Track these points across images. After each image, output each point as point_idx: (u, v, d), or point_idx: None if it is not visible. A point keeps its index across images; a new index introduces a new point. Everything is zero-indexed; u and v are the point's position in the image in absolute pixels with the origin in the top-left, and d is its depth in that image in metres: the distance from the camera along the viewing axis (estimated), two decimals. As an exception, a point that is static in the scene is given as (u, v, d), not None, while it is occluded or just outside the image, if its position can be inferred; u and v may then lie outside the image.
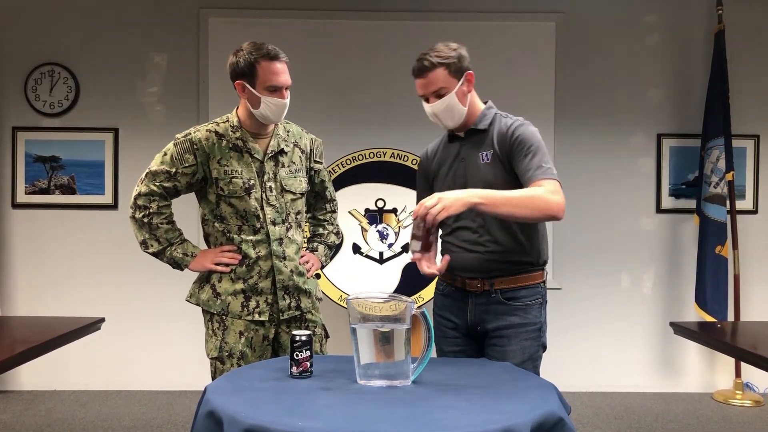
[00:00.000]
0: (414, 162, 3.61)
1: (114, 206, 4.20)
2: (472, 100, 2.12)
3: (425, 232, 1.78)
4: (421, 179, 2.29)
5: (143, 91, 4.22)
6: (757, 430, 3.60)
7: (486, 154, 2.06)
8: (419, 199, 2.30)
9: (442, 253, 2.21)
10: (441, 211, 1.79)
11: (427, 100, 2.08)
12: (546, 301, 2.13)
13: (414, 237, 1.84)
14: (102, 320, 2.55)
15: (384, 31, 4.21)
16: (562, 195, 1.95)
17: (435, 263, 2.06)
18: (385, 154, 3.68)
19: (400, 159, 3.65)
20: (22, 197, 4.20)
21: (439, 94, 2.05)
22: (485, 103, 2.17)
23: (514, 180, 2.02)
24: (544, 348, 2.13)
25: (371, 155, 3.68)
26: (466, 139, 2.13)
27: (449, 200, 1.81)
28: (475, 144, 2.10)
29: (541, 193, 1.91)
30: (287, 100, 2.17)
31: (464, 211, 2.00)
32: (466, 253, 2.10)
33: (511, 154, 2.02)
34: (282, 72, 2.14)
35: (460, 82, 2.06)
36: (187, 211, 2.63)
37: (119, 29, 4.20)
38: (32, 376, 4.13)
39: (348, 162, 3.66)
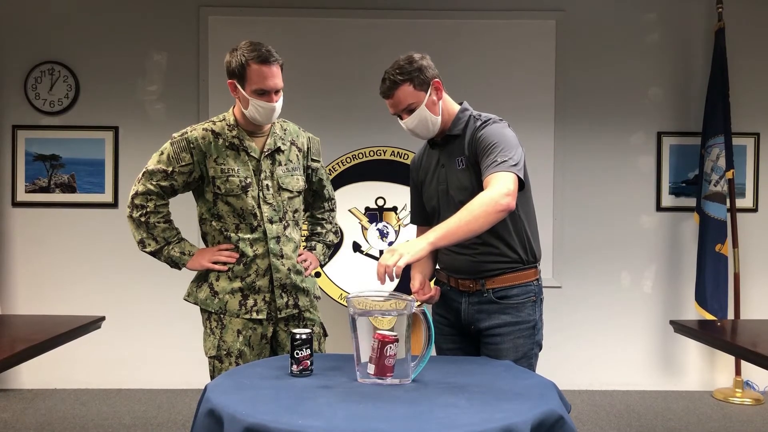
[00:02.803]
0: (414, 160, 3.61)
1: (114, 205, 4.19)
2: (445, 105, 2.11)
3: (379, 351, 1.62)
4: (412, 187, 2.31)
5: (143, 90, 4.22)
6: (757, 429, 3.61)
7: (461, 160, 2.06)
8: (413, 206, 2.33)
9: (438, 258, 2.23)
10: (399, 258, 1.72)
11: (401, 117, 2.09)
12: (541, 299, 2.13)
13: (370, 359, 1.65)
14: (102, 319, 2.55)
15: (384, 29, 4.21)
16: (509, 183, 1.85)
17: (430, 288, 2.10)
18: (385, 153, 3.67)
19: (400, 157, 3.65)
20: (22, 196, 4.19)
21: (409, 110, 2.05)
22: (460, 104, 2.15)
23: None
24: (540, 346, 2.13)
25: (371, 153, 3.68)
26: (443, 146, 2.13)
27: (406, 248, 1.75)
28: (451, 150, 2.11)
29: (483, 197, 1.83)
30: (276, 104, 2.15)
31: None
32: (457, 255, 2.11)
33: (477, 158, 2.00)
34: (271, 76, 2.11)
35: (428, 94, 2.04)
36: (185, 211, 2.62)
37: (119, 27, 4.19)
38: (32, 374, 4.13)
39: (348, 160, 3.66)
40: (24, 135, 4.18)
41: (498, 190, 1.82)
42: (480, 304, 2.08)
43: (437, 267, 2.25)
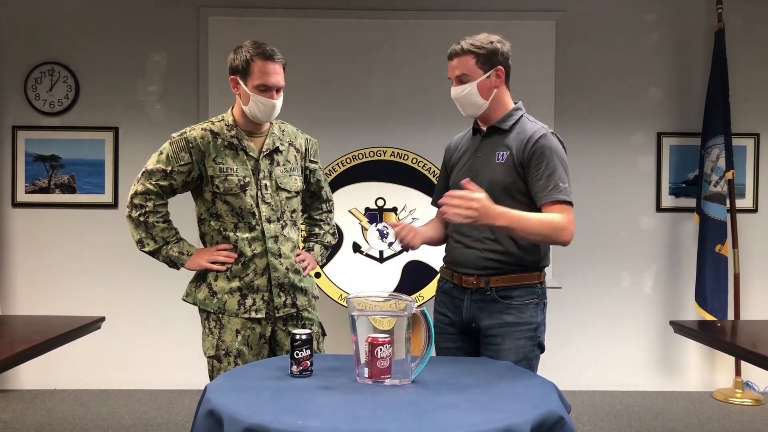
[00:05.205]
0: (414, 161, 3.62)
1: (114, 205, 4.19)
2: (501, 96, 2.12)
3: (370, 355, 1.63)
4: (442, 168, 2.32)
5: (143, 90, 4.22)
6: (757, 429, 3.61)
7: (501, 154, 2.07)
8: (438, 187, 2.33)
9: (445, 252, 2.23)
10: (472, 220, 1.81)
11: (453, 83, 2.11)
12: (545, 303, 2.13)
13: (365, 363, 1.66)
14: (102, 319, 2.55)
15: (384, 29, 4.21)
16: (573, 221, 1.97)
17: (420, 237, 2.15)
18: (384, 153, 3.67)
19: (400, 158, 3.65)
20: (22, 196, 4.19)
21: (461, 80, 2.07)
22: (515, 103, 2.17)
23: (523, 185, 2.03)
24: (542, 349, 2.12)
25: (371, 154, 3.68)
26: (487, 136, 2.15)
27: (484, 212, 1.82)
28: (494, 142, 2.11)
29: (559, 222, 1.94)
30: (277, 102, 2.18)
31: None
32: (465, 248, 2.11)
33: (527, 163, 2.02)
34: (274, 73, 2.16)
35: (486, 75, 2.07)
36: (183, 211, 2.62)
37: (119, 28, 4.20)
38: (32, 375, 4.13)
39: (348, 161, 3.66)
40: (24, 135, 4.18)
41: (572, 230, 1.96)
42: (482, 302, 2.08)
43: (443, 264, 2.24)
